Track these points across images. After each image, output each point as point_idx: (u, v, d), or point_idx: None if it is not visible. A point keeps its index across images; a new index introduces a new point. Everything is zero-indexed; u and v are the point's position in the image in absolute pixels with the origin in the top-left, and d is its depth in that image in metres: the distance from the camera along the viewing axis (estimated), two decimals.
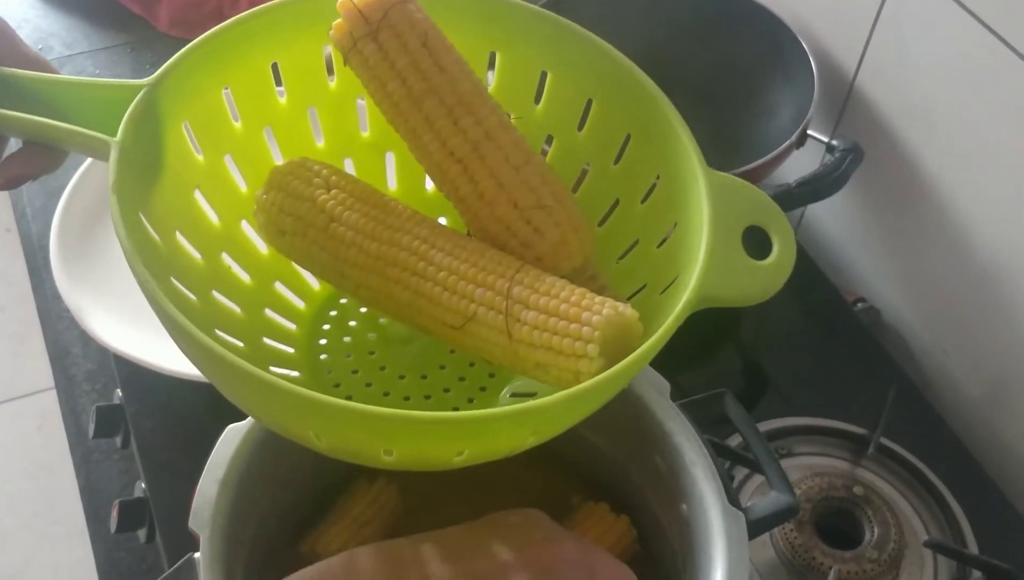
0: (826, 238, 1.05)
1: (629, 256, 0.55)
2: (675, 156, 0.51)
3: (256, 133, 0.55)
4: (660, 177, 0.53)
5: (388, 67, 0.50)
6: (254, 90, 0.54)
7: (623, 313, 0.46)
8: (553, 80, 0.56)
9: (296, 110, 0.56)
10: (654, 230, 0.53)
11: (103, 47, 1.21)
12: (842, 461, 0.84)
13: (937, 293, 0.93)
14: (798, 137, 0.89)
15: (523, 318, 0.46)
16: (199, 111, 0.52)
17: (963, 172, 0.86)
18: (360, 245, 0.50)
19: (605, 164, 0.56)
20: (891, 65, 0.90)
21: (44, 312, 0.97)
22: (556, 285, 0.47)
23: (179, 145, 0.51)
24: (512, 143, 0.51)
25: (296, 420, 0.46)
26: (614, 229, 0.56)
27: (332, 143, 0.58)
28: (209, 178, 0.54)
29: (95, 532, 0.84)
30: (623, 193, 0.55)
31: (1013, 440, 0.87)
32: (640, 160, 0.54)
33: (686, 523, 0.61)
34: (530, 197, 0.50)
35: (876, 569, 0.76)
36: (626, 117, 0.54)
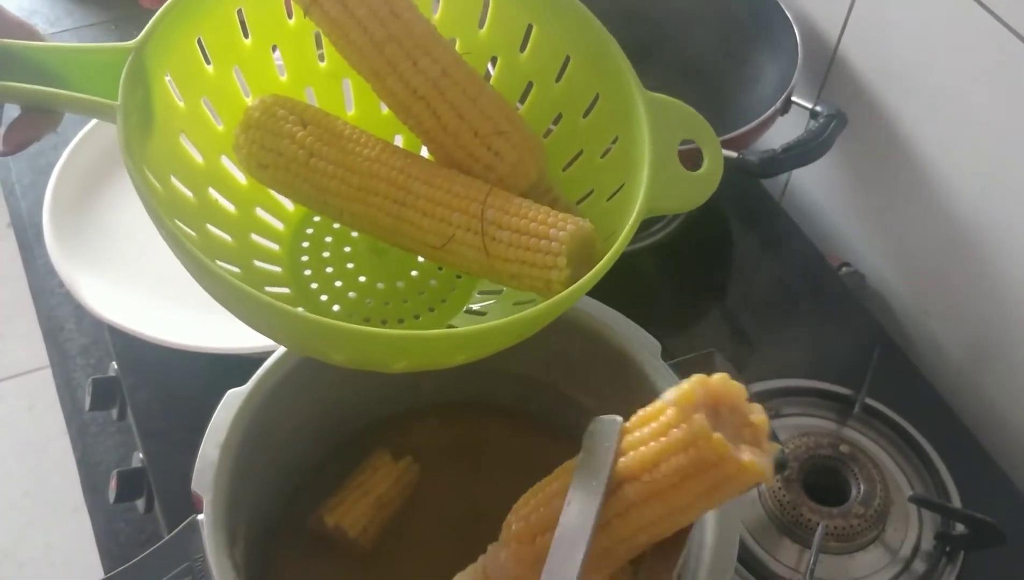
0: (811, 204, 1.06)
1: (574, 165, 0.61)
2: (613, 76, 0.57)
3: (227, 74, 0.59)
4: (600, 95, 0.59)
5: (348, 17, 0.55)
6: (223, 35, 0.58)
7: (583, 227, 0.52)
8: (495, 8, 0.61)
9: (260, 48, 0.60)
10: (597, 142, 0.59)
11: (86, 24, 1.21)
12: (828, 421, 0.85)
13: (919, 256, 0.95)
14: (782, 104, 0.90)
15: (498, 237, 0.52)
16: (178, 62, 0.55)
17: (944, 136, 0.87)
18: (341, 177, 0.55)
19: (547, 82, 0.61)
20: (873, 32, 0.91)
21: (36, 288, 0.98)
22: (524, 206, 0.53)
23: (164, 96, 0.54)
24: (467, 77, 0.56)
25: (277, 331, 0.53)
26: (559, 141, 0.62)
27: (294, 76, 0.62)
28: (190, 121, 0.57)
29: (93, 504, 0.84)
30: (565, 108, 0.61)
31: (993, 397, 0.89)
32: (580, 79, 0.60)
33: None
34: (488, 125, 0.56)
35: (862, 524, 0.77)
36: (566, 40, 0.59)
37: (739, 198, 1.05)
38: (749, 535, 0.77)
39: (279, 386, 0.60)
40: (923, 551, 0.78)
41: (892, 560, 0.77)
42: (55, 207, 0.91)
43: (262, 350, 0.78)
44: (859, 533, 0.77)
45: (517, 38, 0.61)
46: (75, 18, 1.21)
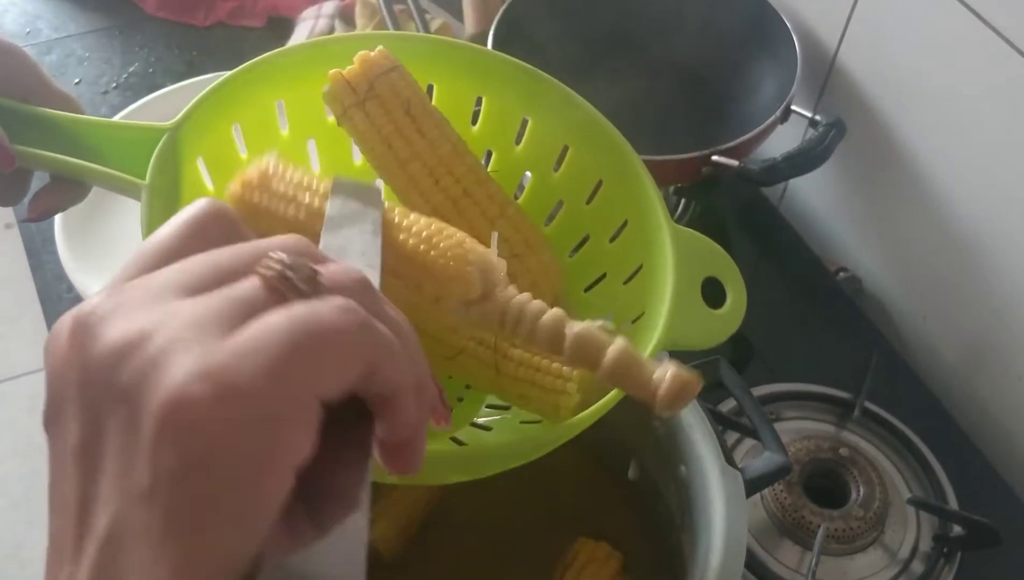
0: (809, 210, 1.08)
1: (596, 288, 0.60)
2: (642, 204, 0.57)
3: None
4: (628, 221, 0.59)
5: (375, 133, 0.56)
6: (260, 125, 0.58)
7: (606, 325, 0.49)
8: (532, 125, 0.61)
9: (297, 141, 0.60)
10: (621, 267, 0.59)
11: (91, 30, 1.22)
12: (828, 424, 0.87)
13: (916, 262, 0.96)
14: (782, 112, 0.91)
15: (509, 354, 0.52)
16: (212, 147, 0.55)
17: (941, 144, 0.89)
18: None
19: (578, 202, 0.61)
20: (871, 41, 0.93)
21: (44, 293, 0.98)
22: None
23: (193, 178, 0.54)
24: (487, 197, 0.57)
25: None
26: (584, 261, 0.61)
27: (327, 169, 0.62)
28: None
29: None
30: (593, 230, 0.61)
31: (989, 400, 0.90)
32: (610, 203, 0.60)
33: (684, 484, 0.64)
34: (504, 247, 0.56)
35: (862, 526, 0.79)
36: (598, 163, 0.60)
37: (738, 204, 1.06)
38: (752, 538, 0.79)
39: None
40: (921, 552, 0.79)
41: (891, 561, 0.79)
42: (67, 213, 0.92)
43: None
44: (859, 535, 0.79)
45: (552, 157, 0.61)
46: (79, 24, 1.22)
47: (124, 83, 1.15)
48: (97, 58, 1.18)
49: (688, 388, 0.40)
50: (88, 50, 1.19)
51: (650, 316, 0.54)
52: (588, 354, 0.42)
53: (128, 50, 1.19)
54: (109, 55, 1.18)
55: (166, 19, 1.22)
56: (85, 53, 1.19)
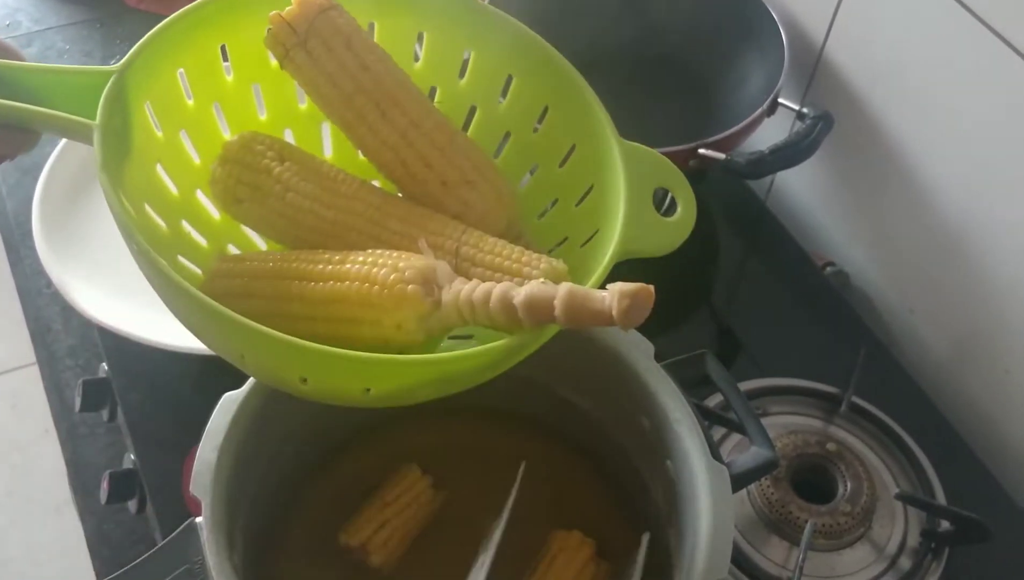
0: (796, 204, 1.07)
1: (549, 213, 0.62)
2: (590, 127, 0.58)
3: (206, 109, 0.59)
4: (576, 146, 0.60)
5: (319, 72, 0.56)
6: (205, 70, 0.58)
7: (557, 267, 0.53)
8: (475, 57, 0.62)
9: (241, 87, 0.60)
10: (572, 191, 0.60)
11: (71, 22, 1.20)
12: (815, 419, 0.86)
13: (903, 255, 0.96)
14: (769, 105, 0.91)
15: (471, 273, 0.53)
16: (159, 92, 0.55)
17: (929, 137, 0.88)
18: (317, 212, 0.55)
19: (525, 132, 0.62)
20: (859, 33, 0.92)
21: (24, 289, 0.97)
22: (498, 245, 0.54)
23: (143, 124, 0.54)
24: (436, 127, 0.58)
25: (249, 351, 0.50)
26: (535, 190, 0.63)
27: (273, 116, 0.62)
28: (168, 152, 0.57)
29: (83, 506, 0.84)
30: (542, 158, 0.62)
31: (977, 395, 0.90)
32: (557, 129, 0.61)
33: (671, 480, 0.63)
34: (456, 174, 0.57)
35: (850, 522, 0.78)
36: (544, 91, 0.60)
37: (725, 199, 1.06)
38: (738, 533, 0.78)
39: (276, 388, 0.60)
40: (909, 548, 0.79)
41: (879, 557, 0.78)
42: (44, 207, 0.91)
43: None
44: (846, 530, 0.78)
45: (496, 89, 0.62)
46: (60, 16, 1.20)
47: None
48: (78, 51, 1.17)
49: (637, 298, 0.44)
50: (69, 42, 1.18)
51: (605, 230, 0.56)
52: (541, 311, 0.46)
53: (109, 43, 1.18)
54: (90, 48, 1.17)
55: (147, 11, 1.19)
56: (66, 45, 1.17)
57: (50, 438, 0.89)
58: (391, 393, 0.50)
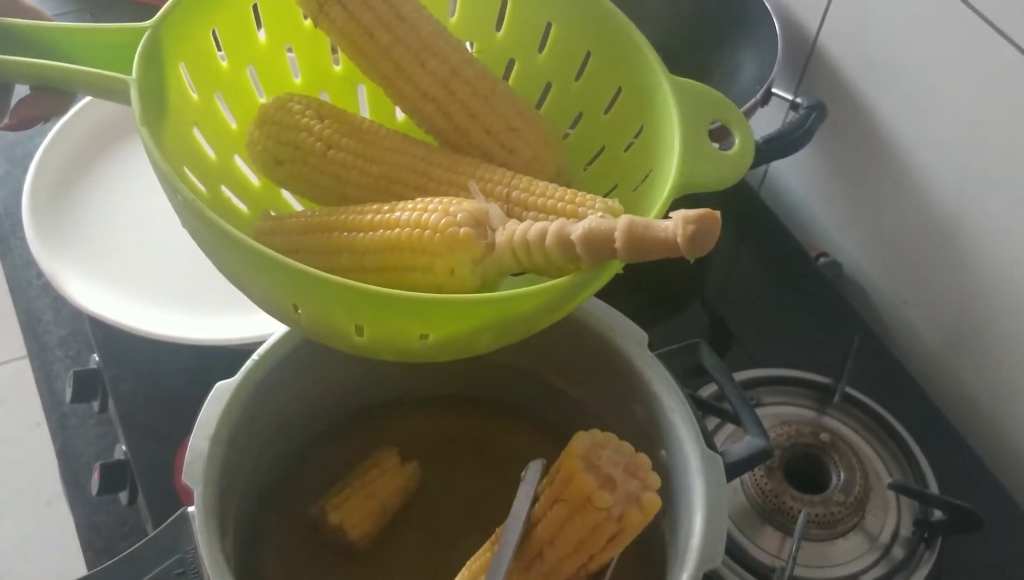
0: (790, 195, 1.07)
1: (597, 161, 0.60)
2: (637, 67, 0.56)
3: (240, 71, 0.58)
4: (622, 88, 0.58)
5: (355, 25, 0.55)
6: (237, 30, 0.57)
7: (612, 206, 0.51)
8: (512, 7, 0.60)
9: (275, 48, 0.59)
10: (619, 136, 0.58)
11: (60, 12, 1.19)
12: (808, 410, 0.86)
13: (896, 246, 0.96)
14: (763, 95, 0.91)
15: (524, 218, 0.50)
16: (192, 52, 0.54)
17: (921, 127, 0.88)
18: (361, 168, 0.54)
19: (566, 81, 0.60)
20: (852, 23, 0.92)
21: (13, 281, 0.97)
22: (549, 188, 0.52)
23: (178, 85, 0.53)
24: (477, 75, 0.56)
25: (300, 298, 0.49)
26: (580, 139, 0.61)
27: (308, 78, 0.61)
28: (204, 115, 0.56)
29: (74, 497, 0.84)
30: (586, 106, 0.60)
31: (969, 385, 0.90)
32: (601, 75, 0.59)
33: (665, 469, 0.63)
34: (500, 122, 0.55)
35: (843, 511, 0.78)
36: (585, 37, 0.59)
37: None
38: (732, 523, 0.78)
39: (268, 378, 0.60)
40: (902, 537, 0.79)
41: (872, 546, 0.78)
42: (34, 197, 0.90)
43: (244, 342, 0.78)
44: (840, 520, 0.78)
45: (535, 39, 0.60)
46: (49, 4, 1.20)
47: None
48: None
49: (703, 223, 0.41)
50: None
51: (660, 169, 0.54)
52: (601, 245, 0.44)
53: None
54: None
55: (138, 0, 1.19)
56: None
57: (40, 432, 0.88)
58: (449, 339, 0.48)
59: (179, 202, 0.47)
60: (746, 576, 0.75)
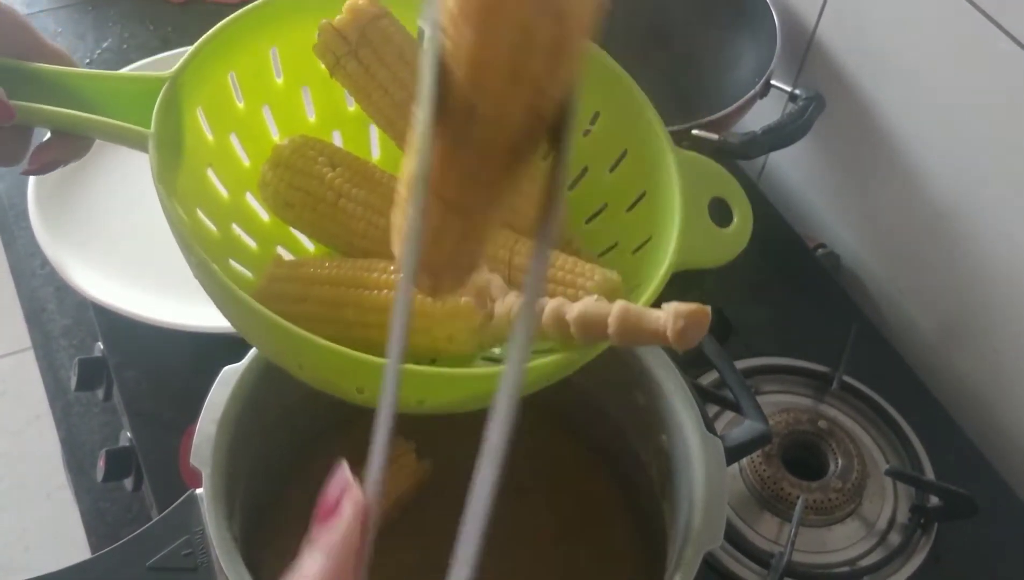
0: (788, 186, 1.08)
1: (598, 218, 0.61)
2: (643, 133, 0.57)
3: (256, 111, 0.59)
4: (628, 151, 0.59)
5: (370, 80, 0.56)
6: (256, 73, 0.58)
7: (611, 278, 0.52)
8: None
9: (291, 89, 0.60)
10: (622, 196, 0.59)
11: (64, 5, 1.20)
12: (806, 398, 0.87)
13: (893, 237, 0.97)
14: (762, 87, 0.91)
15: (523, 284, 0.52)
16: (210, 96, 0.55)
17: (919, 119, 0.89)
18: (369, 219, 0.55)
19: (575, 136, 0.59)
20: (850, 15, 0.93)
21: (17, 270, 0.97)
22: (552, 254, 0.53)
23: (194, 129, 0.55)
24: None
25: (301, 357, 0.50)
26: (583, 194, 0.61)
27: (322, 118, 0.62)
28: (218, 156, 0.57)
29: (79, 484, 0.85)
30: (592, 162, 0.61)
31: (966, 373, 0.91)
32: (608, 134, 0.60)
33: (665, 453, 0.64)
34: None
35: (840, 498, 0.79)
36: (594, 96, 0.59)
37: None
38: (731, 509, 0.79)
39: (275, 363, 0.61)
40: (899, 523, 0.80)
41: (869, 532, 0.79)
42: (40, 187, 0.91)
43: None
44: (837, 506, 0.79)
45: None
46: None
47: (98, 59, 1.13)
48: (70, 33, 1.16)
49: (694, 319, 0.42)
50: (61, 25, 1.17)
51: (659, 239, 0.54)
52: (594, 329, 0.45)
53: (102, 25, 1.17)
54: (83, 30, 1.17)
55: None
56: (58, 28, 1.17)
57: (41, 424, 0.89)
58: (442, 405, 0.50)
59: (193, 262, 0.48)
60: (745, 561, 0.76)
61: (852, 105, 0.95)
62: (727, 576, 0.75)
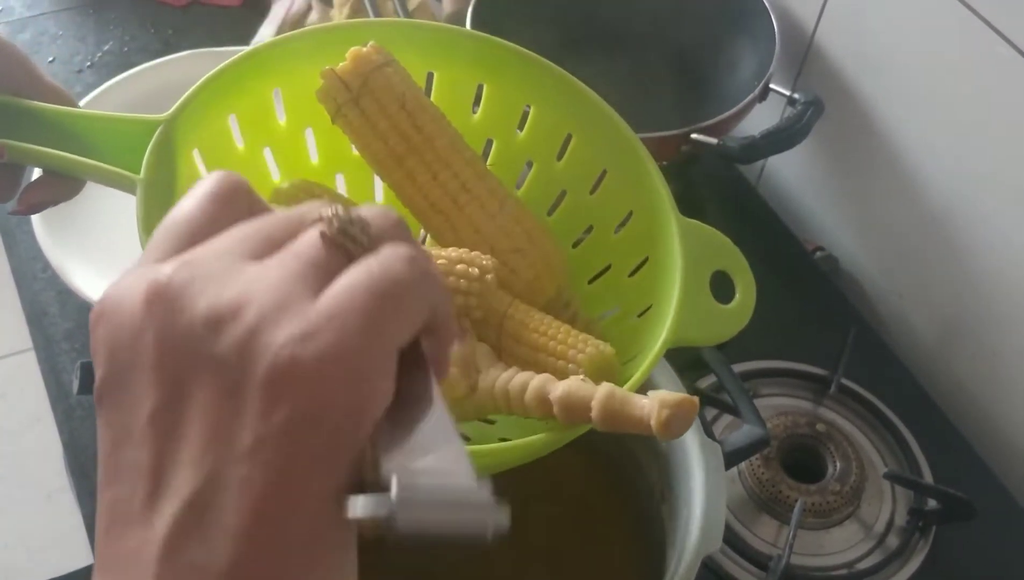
0: (787, 190, 1.08)
1: (601, 280, 0.60)
2: (648, 197, 0.56)
3: (257, 154, 0.58)
4: (634, 212, 0.58)
5: (370, 129, 0.55)
6: (256, 115, 0.57)
7: (603, 351, 0.51)
8: (535, 112, 0.61)
9: (294, 131, 0.59)
10: (626, 259, 0.58)
11: (65, 7, 1.20)
12: (805, 401, 0.88)
13: (892, 240, 0.97)
14: (761, 91, 0.92)
15: (514, 352, 0.52)
16: (208, 138, 0.55)
17: (917, 123, 0.89)
18: None
19: (582, 192, 0.61)
20: (849, 19, 0.93)
21: (19, 274, 0.97)
22: (544, 322, 0.52)
23: (189, 171, 0.54)
24: (487, 192, 0.57)
25: None
26: (588, 253, 0.61)
27: (325, 160, 0.61)
28: None
29: (81, 488, 0.85)
30: (597, 221, 0.61)
31: (964, 376, 0.91)
32: (615, 193, 0.59)
33: (665, 458, 0.64)
34: (505, 242, 0.56)
35: (839, 500, 0.80)
36: (603, 153, 0.59)
37: (716, 183, 1.06)
38: (730, 512, 0.80)
39: None
40: (897, 526, 0.80)
41: (867, 535, 0.80)
42: None
43: None
44: (835, 509, 0.80)
45: (555, 146, 0.60)
46: (53, 1, 1.20)
47: (99, 62, 1.13)
48: (71, 36, 1.17)
49: (680, 410, 0.41)
50: (62, 28, 1.17)
51: (658, 310, 0.53)
52: (577, 411, 0.44)
53: (103, 28, 1.18)
54: (83, 33, 1.17)
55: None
56: (59, 31, 1.17)
57: (41, 426, 0.89)
58: None
59: None
60: (744, 564, 0.77)
61: (851, 109, 0.95)
62: (726, 579, 0.76)
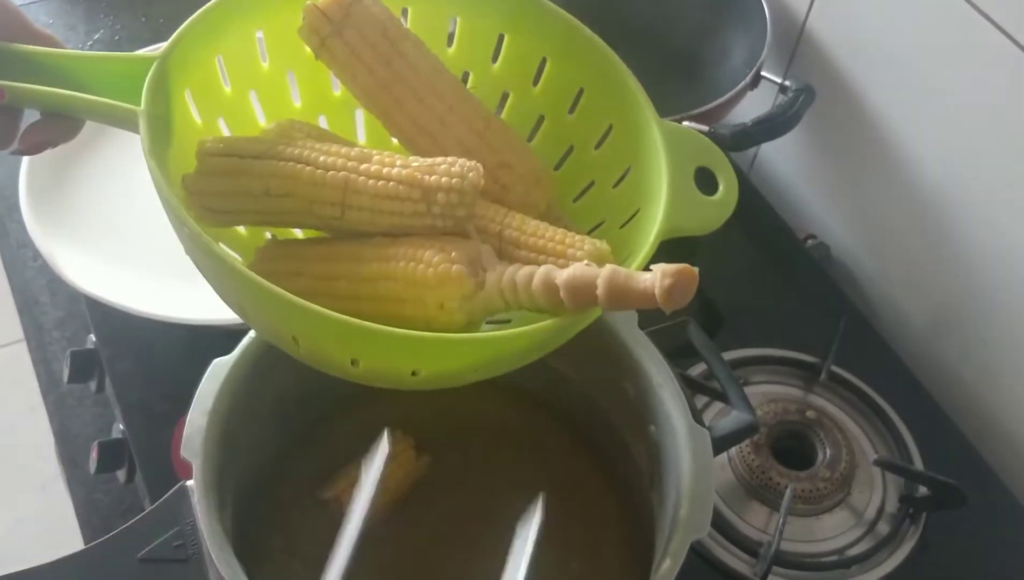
0: (778, 178, 1.08)
1: (585, 196, 0.61)
2: (628, 108, 0.58)
3: (243, 96, 0.59)
4: (613, 126, 0.59)
5: (356, 60, 0.56)
6: (242, 57, 0.58)
7: (600, 248, 0.52)
8: (509, 41, 0.61)
9: (277, 74, 0.60)
10: (608, 173, 0.60)
11: None
12: (795, 388, 0.88)
13: (882, 228, 0.97)
14: (752, 78, 0.92)
15: (515, 256, 0.52)
16: (198, 79, 0.56)
17: (909, 110, 0.89)
18: None
19: (559, 115, 0.62)
20: (840, 7, 0.93)
21: (9, 262, 0.97)
22: (540, 227, 0.53)
23: (183, 111, 0.55)
24: (472, 112, 0.58)
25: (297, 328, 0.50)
26: (570, 173, 0.62)
27: (308, 103, 0.62)
28: None
29: (72, 476, 0.85)
30: (577, 141, 0.62)
31: (954, 363, 0.91)
32: (593, 111, 0.60)
33: (654, 444, 0.64)
34: (493, 158, 0.57)
35: (829, 487, 0.80)
36: (579, 74, 0.60)
37: None
38: (720, 499, 0.80)
39: (265, 354, 0.61)
40: (887, 513, 0.80)
41: (857, 522, 0.80)
42: (31, 179, 0.91)
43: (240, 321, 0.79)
44: (825, 496, 0.80)
45: (530, 73, 0.61)
46: None
47: (89, 50, 1.13)
48: (61, 24, 1.16)
49: (681, 278, 0.43)
50: (52, 16, 1.17)
51: (647, 212, 0.55)
52: (583, 293, 0.46)
53: (93, 17, 1.17)
54: (74, 22, 1.17)
55: None
56: (49, 19, 1.17)
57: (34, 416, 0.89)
58: (438, 375, 0.50)
59: (186, 234, 0.48)
60: (734, 550, 0.77)
61: (842, 96, 0.95)
62: (716, 565, 0.76)
